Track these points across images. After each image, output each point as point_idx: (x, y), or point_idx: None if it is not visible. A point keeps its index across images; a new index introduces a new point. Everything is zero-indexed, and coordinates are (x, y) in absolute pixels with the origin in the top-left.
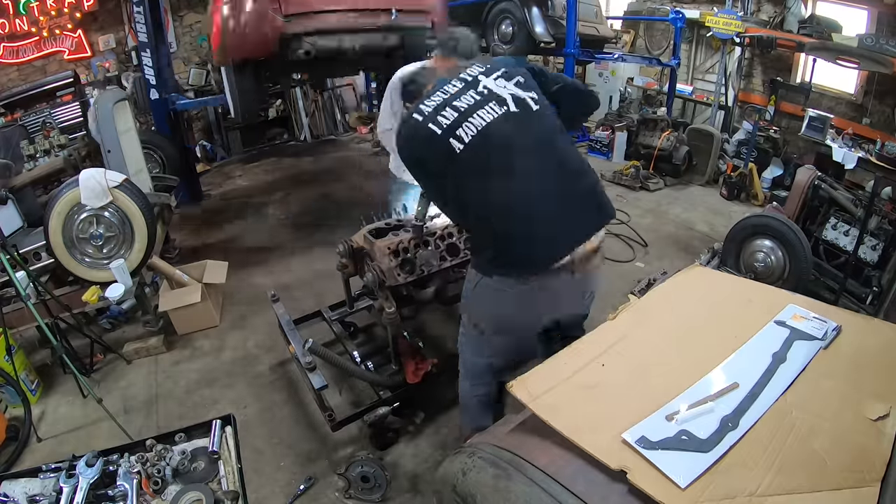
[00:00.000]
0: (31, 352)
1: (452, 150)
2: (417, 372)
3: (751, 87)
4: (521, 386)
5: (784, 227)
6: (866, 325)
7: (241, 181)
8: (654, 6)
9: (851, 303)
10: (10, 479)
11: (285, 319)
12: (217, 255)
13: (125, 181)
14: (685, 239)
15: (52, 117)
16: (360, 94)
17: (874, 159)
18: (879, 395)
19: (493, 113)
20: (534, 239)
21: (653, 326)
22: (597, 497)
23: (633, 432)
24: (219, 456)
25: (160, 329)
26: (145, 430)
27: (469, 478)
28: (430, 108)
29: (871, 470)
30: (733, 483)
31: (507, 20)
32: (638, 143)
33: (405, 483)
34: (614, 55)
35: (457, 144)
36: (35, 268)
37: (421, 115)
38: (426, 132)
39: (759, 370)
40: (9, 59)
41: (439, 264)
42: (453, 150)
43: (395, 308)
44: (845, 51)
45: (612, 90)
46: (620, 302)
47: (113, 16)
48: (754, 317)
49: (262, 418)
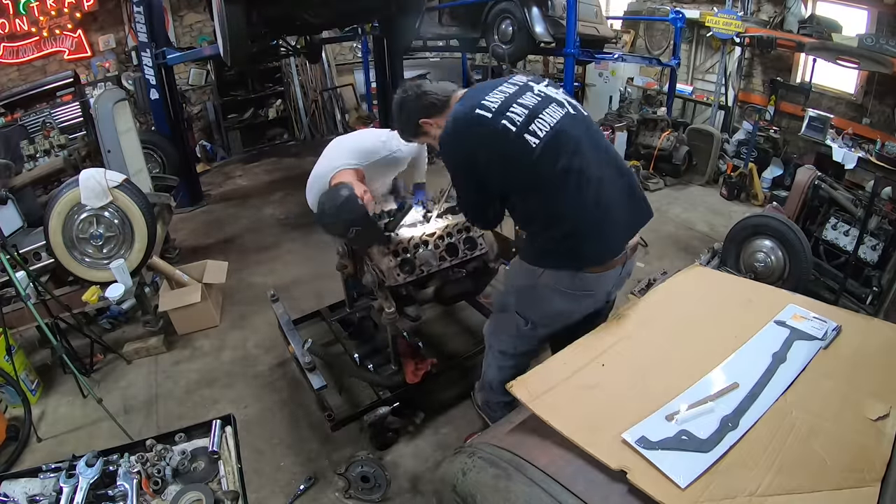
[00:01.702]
0: (31, 352)
1: (528, 146)
2: (417, 372)
3: (751, 87)
4: (521, 386)
5: (784, 227)
6: (866, 325)
7: (241, 181)
8: (654, 6)
9: (851, 303)
10: (10, 479)
11: (285, 319)
12: (217, 255)
13: (125, 181)
14: (685, 239)
15: (52, 117)
16: (360, 93)
17: (874, 159)
18: (879, 395)
19: (559, 113)
20: (604, 233)
21: (653, 326)
22: (597, 497)
23: (633, 432)
24: (219, 456)
25: (160, 329)
26: (145, 430)
27: (469, 478)
28: (495, 105)
29: (871, 470)
30: (733, 483)
31: (507, 20)
32: (638, 143)
33: (405, 483)
34: (614, 55)
35: (532, 140)
36: (35, 268)
37: (487, 111)
38: (498, 127)
39: (759, 370)
40: (9, 59)
41: (439, 264)
42: (528, 147)
43: (394, 308)
44: (845, 51)
45: (612, 90)
46: (621, 302)
47: (113, 16)
48: (754, 317)
49: (262, 418)
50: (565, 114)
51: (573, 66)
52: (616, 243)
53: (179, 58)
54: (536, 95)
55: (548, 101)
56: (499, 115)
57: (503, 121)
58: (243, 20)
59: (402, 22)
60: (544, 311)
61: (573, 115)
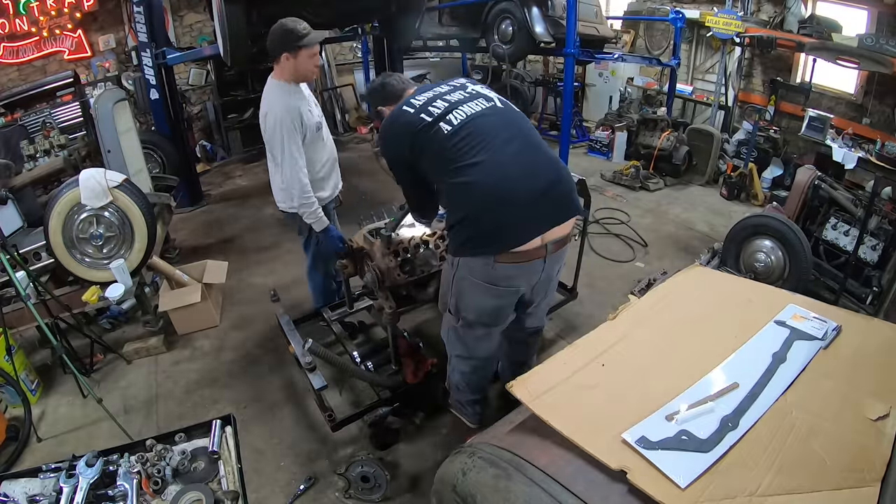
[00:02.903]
0: (31, 352)
1: (441, 132)
2: (417, 372)
3: (751, 87)
4: (521, 385)
5: (784, 227)
6: (866, 325)
7: (241, 181)
8: (654, 6)
9: (851, 303)
10: (10, 479)
11: (285, 319)
12: (217, 255)
13: (125, 181)
14: (685, 239)
15: (52, 117)
16: (360, 94)
17: (874, 159)
18: (879, 394)
19: (482, 106)
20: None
21: (653, 327)
22: (597, 497)
23: (633, 432)
24: (219, 456)
25: (160, 329)
26: (145, 430)
27: (469, 478)
28: (420, 102)
29: (871, 470)
30: (733, 483)
31: (507, 20)
32: (638, 143)
33: (405, 483)
34: (614, 55)
35: (446, 127)
36: (35, 268)
37: (411, 107)
38: (416, 119)
39: (759, 370)
40: (9, 59)
41: (439, 264)
42: (441, 133)
43: (394, 308)
44: (845, 51)
45: (612, 90)
46: (620, 302)
47: (113, 16)
48: (754, 317)
49: (262, 418)
50: (490, 107)
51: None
52: (524, 234)
53: (179, 58)
54: (467, 93)
55: (475, 96)
56: (420, 110)
57: (422, 114)
58: (243, 20)
59: (402, 22)
60: (469, 304)
61: (501, 109)
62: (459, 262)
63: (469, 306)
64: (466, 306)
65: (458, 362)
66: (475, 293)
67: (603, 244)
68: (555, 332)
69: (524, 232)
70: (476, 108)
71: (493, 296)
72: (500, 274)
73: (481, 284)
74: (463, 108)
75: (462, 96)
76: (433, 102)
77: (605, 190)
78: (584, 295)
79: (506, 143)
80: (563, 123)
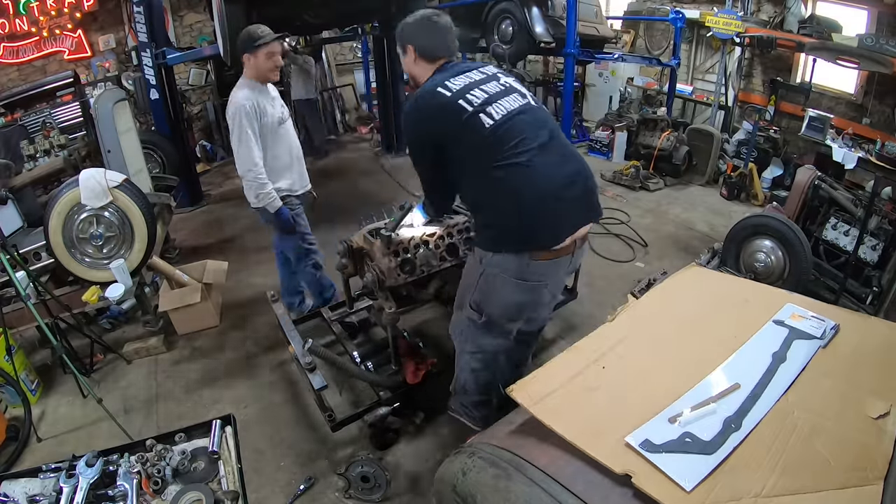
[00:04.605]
0: (31, 352)
1: (481, 123)
2: (417, 372)
3: (751, 87)
4: (521, 390)
5: (784, 227)
6: (864, 324)
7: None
8: (654, 6)
9: (851, 303)
10: (10, 479)
11: (285, 319)
12: (217, 256)
13: (125, 181)
14: (685, 239)
15: (52, 117)
16: (360, 93)
17: (874, 159)
18: (879, 393)
19: (518, 102)
20: (548, 220)
21: (653, 327)
22: (597, 497)
23: (636, 435)
24: (219, 456)
25: (160, 329)
26: (145, 430)
27: (469, 478)
28: (456, 87)
29: (873, 468)
30: (738, 484)
31: (507, 20)
32: (638, 143)
33: (405, 483)
34: (614, 55)
35: (487, 120)
36: (35, 268)
37: (448, 90)
38: (455, 106)
39: (759, 370)
40: (9, 59)
41: (439, 264)
42: (481, 124)
43: (395, 308)
44: (845, 51)
45: (612, 90)
46: (620, 302)
47: (113, 16)
48: (753, 316)
49: (262, 418)
50: (526, 104)
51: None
52: (560, 231)
53: (179, 58)
54: (501, 85)
55: (510, 91)
56: (457, 96)
57: (460, 100)
58: (243, 20)
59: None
60: (496, 300)
61: (534, 108)
62: (490, 258)
63: (495, 302)
64: (493, 302)
65: (469, 359)
66: (505, 289)
67: (603, 244)
68: (555, 332)
69: (563, 231)
70: (514, 105)
71: (522, 291)
72: (535, 270)
73: (512, 281)
74: (502, 102)
75: (499, 89)
76: (471, 90)
77: (605, 190)
78: (583, 295)
79: (545, 144)
80: (563, 123)
